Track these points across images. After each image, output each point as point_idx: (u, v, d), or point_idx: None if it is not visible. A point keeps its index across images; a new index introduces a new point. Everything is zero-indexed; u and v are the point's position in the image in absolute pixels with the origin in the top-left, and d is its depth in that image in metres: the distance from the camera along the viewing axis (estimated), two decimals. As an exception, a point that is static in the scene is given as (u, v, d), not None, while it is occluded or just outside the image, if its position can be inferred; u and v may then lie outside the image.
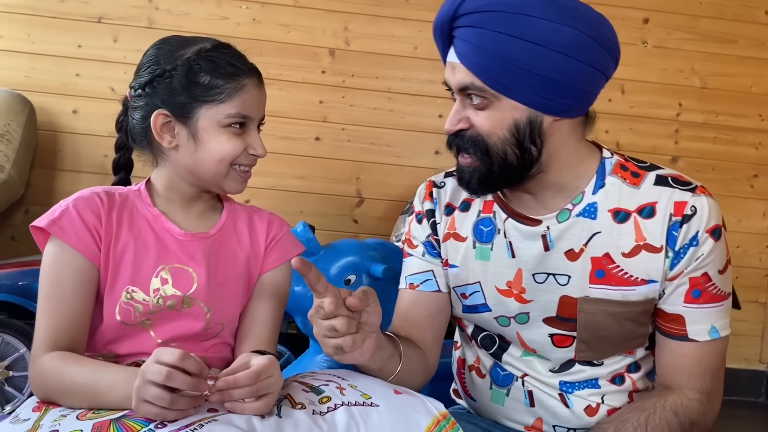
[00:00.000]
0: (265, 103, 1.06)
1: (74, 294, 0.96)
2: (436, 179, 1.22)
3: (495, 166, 1.00)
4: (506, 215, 1.10)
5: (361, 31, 2.52)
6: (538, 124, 0.99)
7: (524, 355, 1.14)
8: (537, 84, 0.96)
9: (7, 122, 2.20)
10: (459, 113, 1.01)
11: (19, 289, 1.77)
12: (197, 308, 1.02)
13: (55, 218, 0.97)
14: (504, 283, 1.11)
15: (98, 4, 2.43)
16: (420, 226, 1.19)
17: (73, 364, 0.90)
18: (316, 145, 2.54)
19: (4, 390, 1.76)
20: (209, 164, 1.01)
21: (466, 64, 0.97)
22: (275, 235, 1.12)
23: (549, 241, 1.06)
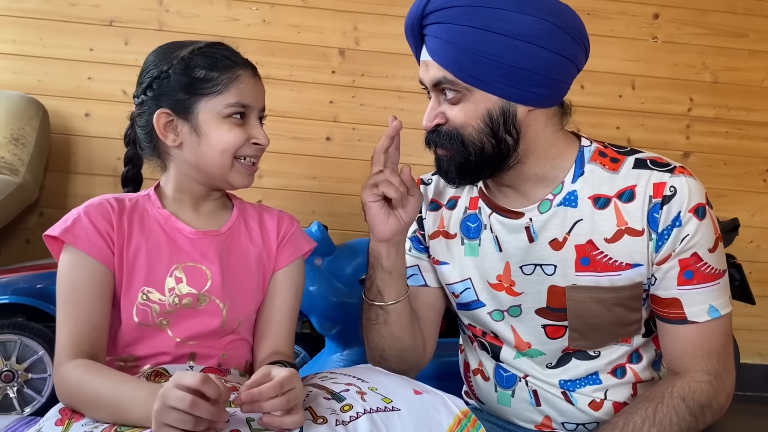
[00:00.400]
0: (263, 94, 1.08)
1: (92, 299, 0.97)
2: (424, 177, 1.24)
3: (472, 156, 1.02)
4: (491, 210, 1.12)
5: (371, 30, 2.52)
6: (511, 114, 1.01)
7: (517, 356, 1.15)
8: (506, 74, 0.98)
9: (21, 126, 2.22)
10: (435, 109, 1.03)
11: (36, 291, 1.79)
12: (213, 305, 1.04)
13: (67, 226, 0.99)
14: (494, 277, 1.12)
15: (109, 7, 2.44)
16: None
17: (96, 375, 0.91)
18: (327, 145, 2.55)
19: (23, 392, 1.78)
20: (213, 157, 1.03)
21: (437, 59, 0.99)
22: (286, 232, 1.13)
23: (533, 232, 1.08)
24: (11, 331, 1.76)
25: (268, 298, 1.11)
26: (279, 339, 1.09)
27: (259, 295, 1.10)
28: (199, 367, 1.01)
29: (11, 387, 1.77)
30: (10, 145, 2.19)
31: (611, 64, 2.57)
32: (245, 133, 1.04)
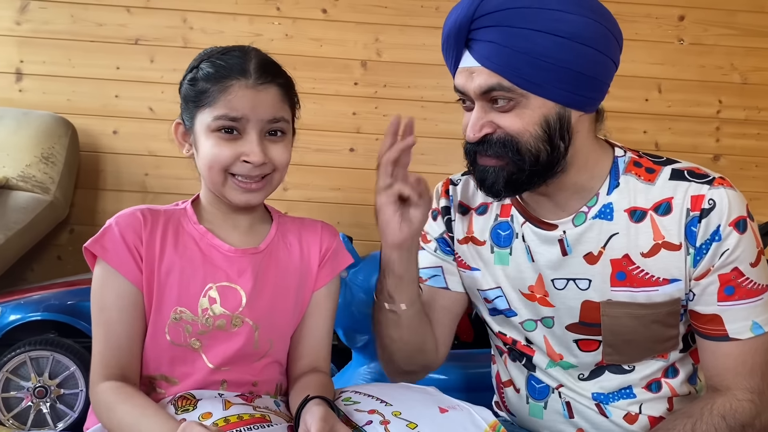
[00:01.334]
0: (268, 103, 0.97)
1: (120, 321, 0.96)
2: (453, 177, 1.21)
3: (526, 165, 0.98)
4: (524, 219, 1.09)
5: (392, 41, 2.52)
6: (566, 120, 0.98)
7: (549, 366, 1.12)
8: (565, 78, 0.94)
9: (51, 145, 2.26)
10: (481, 119, 0.98)
11: (67, 308, 1.81)
12: (246, 327, 1.01)
13: (97, 237, 0.98)
14: (527, 287, 1.10)
15: (135, 26, 2.48)
16: (435, 223, 1.18)
17: (123, 402, 0.91)
18: (351, 156, 2.55)
19: (56, 408, 1.80)
20: (204, 172, 0.99)
21: (490, 65, 0.95)
22: (328, 248, 1.09)
23: (566, 245, 1.05)
24: (44, 347, 1.78)
25: (306, 317, 1.08)
26: (317, 358, 1.07)
27: (296, 317, 1.07)
28: (230, 394, 0.98)
29: (44, 402, 1.79)
30: (41, 163, 2.23)
31: (636, 67, 2.54)
32: (234, 150, 0.96)
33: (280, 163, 1.00)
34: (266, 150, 0.98)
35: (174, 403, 0.94)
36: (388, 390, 1.00)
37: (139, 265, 0.98)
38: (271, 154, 0.99)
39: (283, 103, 1.00)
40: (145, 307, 0.99)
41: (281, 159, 1.00)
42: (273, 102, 0.98)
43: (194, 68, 1.00)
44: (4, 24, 2.46)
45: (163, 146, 2.47)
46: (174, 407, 0.93)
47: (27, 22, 2.47)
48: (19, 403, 1.79)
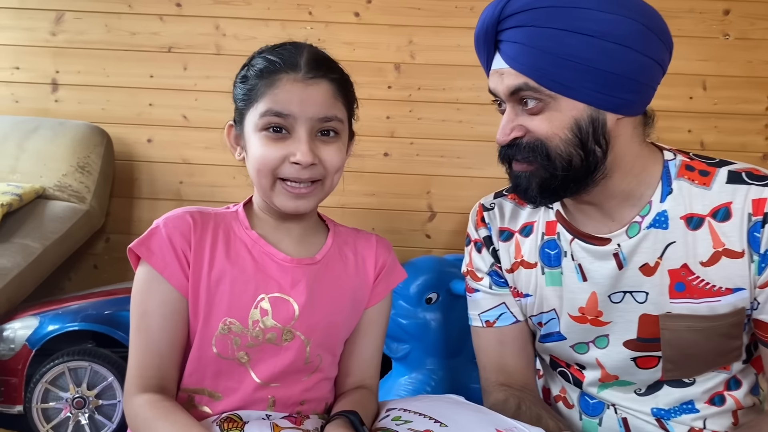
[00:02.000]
0: (318, 100, 0.90)
1: (162, 328, 0.91)
2: (485, 202, 1.15)
3: (558, 170, 0.93)
4: (571, 236, 1.03)
5: (426, 43, 2.48)
6: (601, 123, 0.92)
7: (601, 389, 1.07)
8: (596, 79, 0.90)
9: (87, 154, 2.27)
10: (511, 122, 0.95)
11: (105, 318, 1.80)
12: (297, 341, 0.96)
13: (143, 238, 0.92)
14: (576, 309, 1.04)
15: (168, 34, 2.48)
16: (480, 256, 1.13)
17: (162, 418, 0.85)
18: (385, 161, 2.51)
19: (94, 418, 1.79)
20: (253, 176, 0.93)
21: (517, 66, 0.92)
22: (384, 263, 1.04)
23: (622, 258, 0.99)
24: (81, 358, 1.77)
25: (358, 334, 1.03)
26: (365, 375, 1.03)
27: (347, 332, 1.02)
28: (277, 415, 0.93)
29: (83, 413, 1.78)
30: (77, 173, 2.23)
31: (680, 64, 2.44)
32: (282, 150, 0.90)
33: (331, 166, 0.93)
34: (317, 151, 0.91)
35: (219, 425, 0.89)
36: (439, 407, 0.95)
37: (185, 271, 0.92)
38: (321, 156, 0.91)
39: (335, 100, 0.93)
40: (190, 317, 0.94)
41: (333, 161, 0.93)
42: (324, 98, 0.91)
43: (246, 66, 0.97)
44: (40, 35, 2.48)
45: (197, 154, 2.47)
46: (219, 429, 0.88)
47: (62, 33, 2.48)
48: (58, 414, 1.78)
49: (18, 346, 1.79)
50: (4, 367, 1.79)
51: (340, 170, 0.95)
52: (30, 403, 1.76)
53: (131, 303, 0.94)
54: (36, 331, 1.79)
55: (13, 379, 1.78)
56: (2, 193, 2.02)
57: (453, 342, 1.61)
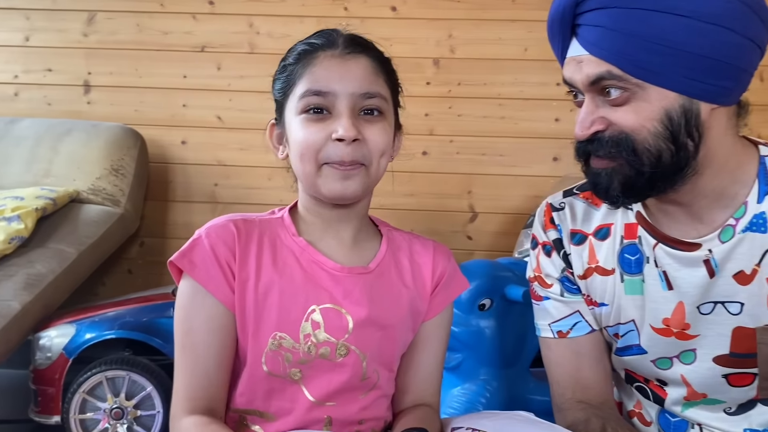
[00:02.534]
0: (358, 74, 0.85)
1: (208, 346, 0.85)
2: (553, 201, 1.06)
3: (646, 167, 0.84)
4: (655, 240, 0.94)
5: (466, 37, 2.39)
6: (694, 114, 0.83)
7: (686, 408, 0.97)
8: (689, 64, 0.81)
9: (121, 157, 2.23)
10: (592, 114, 0.86)
11: (142, 325, 1.75)
12: (352, 356, 0.89)
13: (185, 250, 0.87)
14: (660, 321, 0.94)
15: (201, 33, 2.43)
16: (550, 260, 1.03)
17: None
18: (424, 160, 2.43)
19: (133, 429, 1.74)
20: (296, 165, 0.87)
21: (598, 53, 0.83)
22: (443, 272, 0.96)
23: (714, 265, 0.89)
24: (119, 367, 1.72)
25: (416, 348, 0.96)
26: (425, 393, 0.95)
27: (404, 346, 0.96)
28: None
29: (122, 424, 1.73)
30: (111, 176, 2.19)
31: None
32: (325, 129, 0.84)
33: (376, 147, 0.86)
34: (360, 128, 0.85)
35: None
36: (511, 426, 0.87)
37: (231, 283, 0.87)
38: (365, 134, 0.85)
39: (377, 76, 0.88)
40: (239, 333, 0.88)
41: (377, 141, 0.86)
42: (364, 74, 0.86)
43: (284, 58, 0.92)
44: (72, 36, 2.45)
45: (232, 155, 2.41)
46: None
47: (94, 34, 2.45)
48: (96, 425, 1.74)
49: (55, 355, 1.75)
50: (41, 376, 1.75)
51: (386, 154, 0.89)
52: (68, 413, 1.72)
53: (175, 320, 0.89)
54: (73, 340, 1.75)
55: (50, 389, 1.74)
56: (36, 198, 1.99)
57: (508, 351, 1.53)
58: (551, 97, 2.31)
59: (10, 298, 1.73)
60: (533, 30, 2.33)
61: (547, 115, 2.35)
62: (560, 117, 2.32)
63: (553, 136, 2.33)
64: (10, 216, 1.88)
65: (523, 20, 2.36)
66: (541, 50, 2.31)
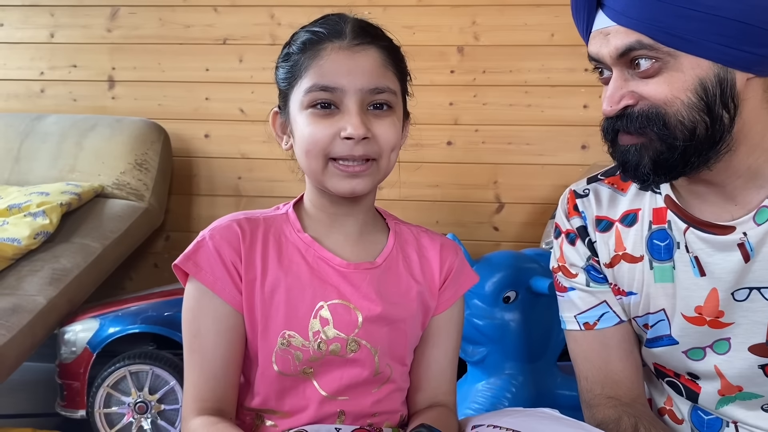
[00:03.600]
0: (366, 69, 0.82)
1: (216, 347, 0.84)
2: (576, 188, 1.01)
3: (679, 141, 0.80)
4: (686, 224, 0.89)
5: (491, 23, 2.34)
6: (729, 84, 0.79)
7: (721, 405, 0.92)
8: (724, 30, 0.76)
9: (144, 151, 2.23)
10: (621, 88, 0.82)
11: (165, 319, 1.75)
12: (364, 351, 0.87)
13: (189, 253, 0.85)
14: (692, 309, 0.89)
15: (222, 25, 2.42)
16: (575, 248, 0.99)
17: None
18: (449, 150, 2.39)
19: (157, 424, 1.74)
20: (302, 160, 0.85)
21: (626, 22, 0.79)
22: (451, 266, 0.93)
23: (749, 249, 0.84)
24: (143, 361, 1.73)
25: (426, 344, 0.94)
26: (439, 391, 0.93)
27: (416, 339, 0.93)
28: (347, 429, 0.85)
29: (146, 419, 1.73)
30: (135, 170, 2.20)
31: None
32: (332, 126, 0.81)
33: (386, 142, 0.83)
34: (369, 125, 0.82)
35: None
36: (535, 424, 0.84)
37: (237, 285, 0.85)
38: (375, 131, 0.82)
39: (385, 69, 0.84)
40: (248, 334, 0.87)
41: (387, 137, 0.83)
42: (373, 67, 0.83)
43: (288, 44, 0.88)
44: (96, 32, 2.46)
45: (255, 148, 2.40)
46: None
47: (117, 29, 2.45)
48: (121, 419, 1.74)
49: (79, 349, 1.76)
50: (66, 370, 1.76)
51: (396, 149, 0.86)
52: (92, 407, 1.73)
53: (182, 322, 0.87)
54: (96, 334, 1.75)
55: (75, 383, 1.75)
56: (61, 193, 2.00)
57: (534, 344, 1.49)
58: (579, 83, 2.25)
59: (36, 292, 1.75)
60: (559, 14, 2.26)
61: (575, 102, 2.29)
62: (588, 104, 2.26)
63: (582, 123, 2.26)
64: (36, 211, 1.90)
65: (548, 5, 2.29)
66: (568, 35, 2.25)
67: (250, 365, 0.88)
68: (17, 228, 1.84)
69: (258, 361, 0.86)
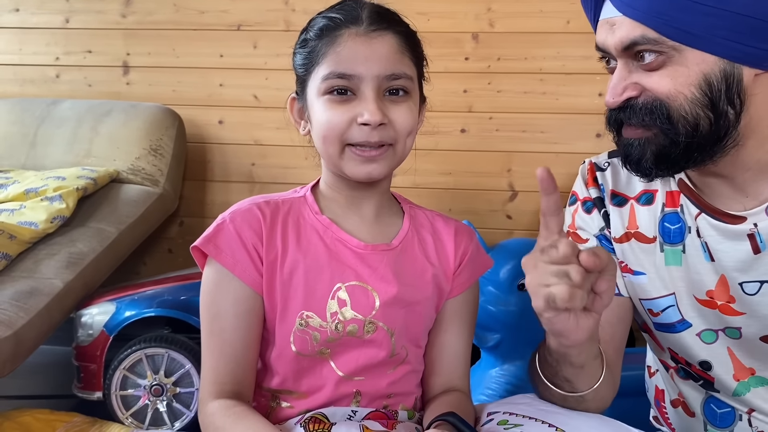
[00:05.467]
0: (383, 55, 0.83)
1: (236, 329, 0.85)
2: (597, 161, 1.00)
3: (681, 137, 0.80)
4: (698, 210, 0.89)
5: (506, 10, 2.32)
6: (735, 79, 0.78)
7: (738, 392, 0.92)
8: (731, 25, 0.75)
9: (159, 137, 2.24)
10: (624, 80, 0.82)
11: (180, 303, 1.77)
12: (380, 333, 0.88)
13: (210, 235, 0.86)
14: (704, 293, 0.89)
15: (237, 11, 2.41)
16: (590, 216, 0.99)
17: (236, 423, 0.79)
18: (462, 138, 2.38)
19: (172, 406, 1.76)
20: (319, 145, 0.86)
21: (632, 13, 0.79)
22: (466, 250, 0.94)
23: (759, 240, 0.84)
24: (158, 345, 1.74)
25: (440, 328, 0.94)
26: (453, 375, 0.93)
27: (430, 321, 0.94)
28: (363, 412, 0.86)
29: (161, 401, 1.75)
30: (150, 156, 2.21)
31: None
32: (349, 112, 0.83)
33: (402, 128, 0.85)
34: (386, 111, 0.83)
35: (304, 425, 0.82)
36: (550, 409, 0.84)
37: (258, 267, 0.86)
38: (391, 116, 0.84)
39: (402, 55, 0.85)
40: (268, 315, 0.88)
41: (404, 123, 0.85)
42: (390, 53, 0.84)
43: (305, 30, 0.89)
44: (110, 17, 2.46)
45: (268, 135, 2.40)
46: (304, 430, 0.81)
47: (132, 14, 2.46)
48: (137, 402, 1.76)
49: (96, 332, 1.77)
50: (84, 353, 1.78)
51: (412, 134, 0.88)
52: (109, 390, 1.74)
53: (201, 305, 0.88)
54: (113, 317, 1.77)
55: (92, 366, 1.77)
56: (77, 178, 2.01)
57: (548, 331, 1.50)
58: (594, 71, 2.23)
59: (53, 276, 1.76)
60: (575, 1, 2.20)
61: (590, 90, 2.27)
62: (604, 92, 2.20)
63: (597, 111, 2.24)
64: (53, 195, 1.91)
65: (565, -9, 2.28)
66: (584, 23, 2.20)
67: (267, 346, 0.89)
68: (34, 212, 1.86)
69: (276, 341, 0.87)
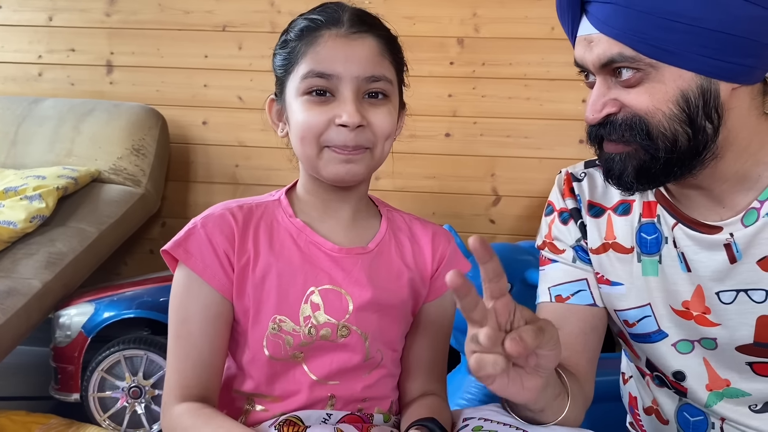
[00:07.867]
0: (363, 57, 0.82)
1: (204, 334, 0.84)
2: (574, 171, 1.00)
3: (660, 152, 0.80)
4: (675, 220, 0.89)
5: (491, 15, 2.33)
6: (713, 95, 0.79)
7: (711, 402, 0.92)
8: (707, 42, 0.76)
9: (142, 137, 2.23)
10: (603, 96, 0.82)
11: (160, 305, 1.76)
12: (354, 337, 0.87)
13: (180, 239, 0.85)
14: (680, 303, 0.90)
15: (222, 12, 2.40)
16: (566, 228, 0.99)
17: (205, 424, 0.78)
18: (447, 142, 2.38)
19: (151, 408, 1.75)
20: (297, 146, 0.85)
21: (609, 31, 0.79)
22: (443, 254, 0.93)
23: (735, 250, 0.85)
24: (137, 347, 1.73)
25: (417, 333, 0.94)
26: (430, 380, 0.93)
27: (406, 325, 0.94)
28: (338, 415, 0.86)
29: (139, 403, 1.74)
30: (132, 156, 2.19)
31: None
32: (327, 113, 0.82)
33: (381, 131, 0.84)
34: (364, 113, 0.83)
35: (279, 429, 0.82)
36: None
37: (228, 273, 0.85)
38: (370, 119, 0.83)
39: (382, 58, 0.85)
40: (240, 319, 0.87)
41: (382, 126, 0.84)
42: (369, 55, 0.83)
43: (285, 31, 0.89)
44: (94, 16, 2.45)
45: (252, 136, 2.40)
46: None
47: (116, 13, 2.44)
48: (115, 404, 1.75)
49: (74, 333, 1.76)
50: (61, 354, 1.77)
51: (390, 138, 0.87)
52: (87, 391, 1.73)
53: (170, 308, 0.87)
54: (91, 318, 1.76)
55: (69, 367, 1.75)
56: (57, 177, 1.99)
57: (528, 336, 1.50)
58: (578, 78, 2.23)
59: (31, 276, 1.75)
60: (561, 8, 2.26)
61: (574, 96, 2.29)
62: (587, 98, 2.25)
63: (580, 117, 2.24)
64: (32, 195, 1.89)
65: (550, -2, 2.29)
66: (569, 29, 2.25)
67: (241, 350, 0.88)
68: (13, 211, 1.84)
69: (249, 345, 0.87)
